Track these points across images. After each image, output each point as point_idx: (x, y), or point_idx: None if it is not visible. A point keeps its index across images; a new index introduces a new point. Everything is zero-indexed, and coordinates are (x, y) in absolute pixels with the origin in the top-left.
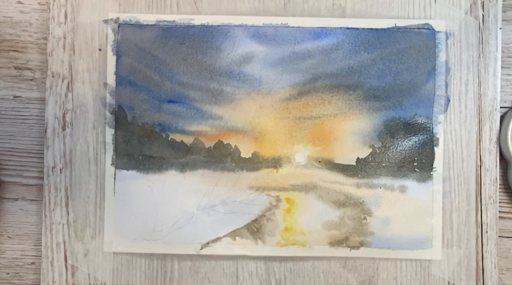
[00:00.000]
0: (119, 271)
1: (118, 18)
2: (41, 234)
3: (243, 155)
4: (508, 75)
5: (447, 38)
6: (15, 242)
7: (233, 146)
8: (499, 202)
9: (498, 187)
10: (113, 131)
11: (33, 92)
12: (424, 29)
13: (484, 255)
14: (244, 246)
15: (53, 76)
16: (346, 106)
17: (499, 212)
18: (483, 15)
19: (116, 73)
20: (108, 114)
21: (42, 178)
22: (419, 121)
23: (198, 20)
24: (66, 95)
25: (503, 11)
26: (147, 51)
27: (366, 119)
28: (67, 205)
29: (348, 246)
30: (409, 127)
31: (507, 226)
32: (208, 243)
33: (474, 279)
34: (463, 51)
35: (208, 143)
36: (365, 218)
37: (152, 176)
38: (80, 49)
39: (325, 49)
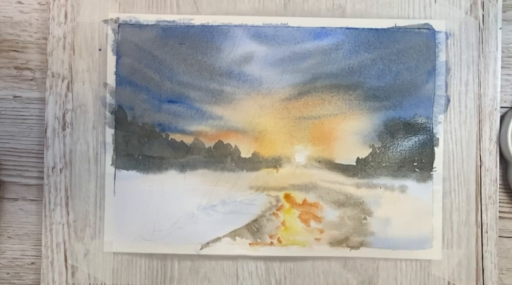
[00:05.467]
0: (119, 271)
1: (118, 18)
2: (41, 234)
3: (243, 155)
4: (508, 75)
5: (447, 38)
6: (15, 242)
7: (233, 146)
8: (499, 202)
9: (498, 187)
10: (113, 131)
11: (33, 92)
12: (424, 29)
13: (484, 255)
14: (244, 246)
15: (53, 76)
16: (346, 106)
17: (499, 212)
18: (483, 15)
19: (116, 73)
20: (108, 114)
21: (42, 178)
22: (419, 121)
23: (198, 20)
24: (66, 95)
25: (503, 11)
26: (147, 51)
27: (366, 119)
28: (67, 205)
29: (348, 246)
30: (409, 127)
31: (507, 226)
32: (208, 243)
33: (474, 279)
34: (463, 51)
35: (208, 143)
36: (365, 218)
37: (152, 176)
38: (80, 49)
39: (325, 49)
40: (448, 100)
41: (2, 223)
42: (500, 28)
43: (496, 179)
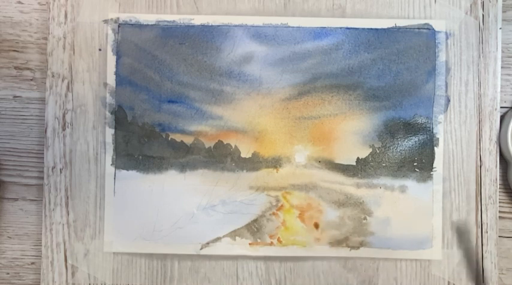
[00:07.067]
0: (119, 271)
1: (118, 18)
2: (41, 234)
3: (243, 155)
4: (508, 75)
5: (447, 38)
6: (15, 242)
7: (233, 146)
8: (499, 202)
9: (498, 187)
10: (113, 131)
11: (33, 92)
12: (424, 29)
13: (484, 255)
14: (244, 246)
15: (53, 76)
16: (346, 106)
17: (499, 212)
18: (483, 15)
19: (116, 73)
20: (108, 114)
21: (42, 178)
22: (419, 121)
23: (198, 20)
24: (66, 95)
25: (503, 11)
26: (147, 51)
27: (366, 119)
28: (67, 205)
29: (348, 246)
30: (409, 127)
31: (507, 226)
32: (208, 243)
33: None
34: (463, 51)
35: (208, 143)
36: (365, 218)
37: (152, 176)
38: (80, 49)
39: (325, 49)
40: (448, 100)
41: (2, 223)
42: (500, 28)
43: (496, 179)
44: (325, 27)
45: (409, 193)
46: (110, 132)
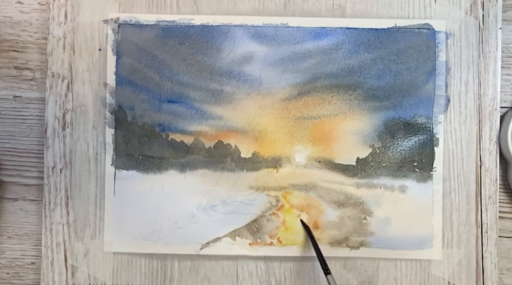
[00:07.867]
0: (119, 271)
1: (118, 18)
2: (41, 234)
3: (243, 155)
4: (508, 75)
5: (447, 38)
6: (15, 242)
7: (233, 146)
8: (499, 202)
9: (498, 187)
10: (113, 131)
11: (33, 92)
12: (424, 29)
13: (484, 255)
14: (244, 246)
15: (53, 76)
16: (346, 106)
17: (499, 212)
18: (483, 15)
19: (116, 73)
20: (108, 114)
21: (42, 178)
22: (419, 121)
23: (198, 20)
24: (66, 95)
25: (503, 11)
26: (147, 51)
27: (366, 119)
28: (67, 205)
29: (348, 246)
30: (409, 127)
31: (507, 226)
32: (208, 243)
33: (474, 279)
34: (463, 51)
35: (208, 143)
36: (365, 218)
37: (152, 176)
38: (80, 49)
39: (325, 49)
40: (448, 100)
41: (2, 223)
42: (500, 28)
43: (496, 179)
44: (325, 27)
45: (409, 193)
46: (110, 132)
